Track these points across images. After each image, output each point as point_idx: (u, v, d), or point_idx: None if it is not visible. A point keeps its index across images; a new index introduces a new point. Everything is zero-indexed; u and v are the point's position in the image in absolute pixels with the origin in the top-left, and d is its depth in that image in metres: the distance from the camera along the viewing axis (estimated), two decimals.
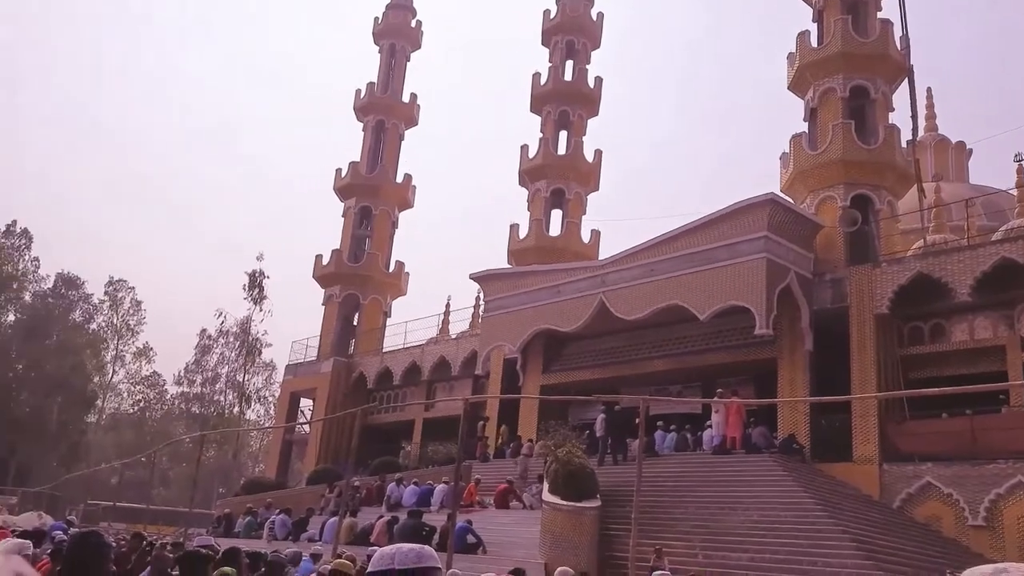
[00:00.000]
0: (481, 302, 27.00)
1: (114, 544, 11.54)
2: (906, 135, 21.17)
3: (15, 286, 49.90)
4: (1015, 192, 20.78)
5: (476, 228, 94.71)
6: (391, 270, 34.37)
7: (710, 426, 18.62)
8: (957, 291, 16.64)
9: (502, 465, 21.89)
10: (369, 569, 1.89)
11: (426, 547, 1.89)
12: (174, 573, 5.76)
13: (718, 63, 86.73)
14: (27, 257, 50.81)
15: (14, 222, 50.78)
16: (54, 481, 39.10)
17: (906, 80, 21.87)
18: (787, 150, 21.74)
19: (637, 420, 12.06)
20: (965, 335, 17.17)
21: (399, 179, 35.47)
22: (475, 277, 25.61)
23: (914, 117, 21.50)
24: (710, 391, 19.95)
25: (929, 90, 34.73)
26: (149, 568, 6.26)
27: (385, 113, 36.01)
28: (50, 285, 51.45)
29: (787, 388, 18.56)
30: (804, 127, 22.10)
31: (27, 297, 50.75)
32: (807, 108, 22.12)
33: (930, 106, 34.56)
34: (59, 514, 30.88)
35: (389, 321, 34.06)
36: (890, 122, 21.22)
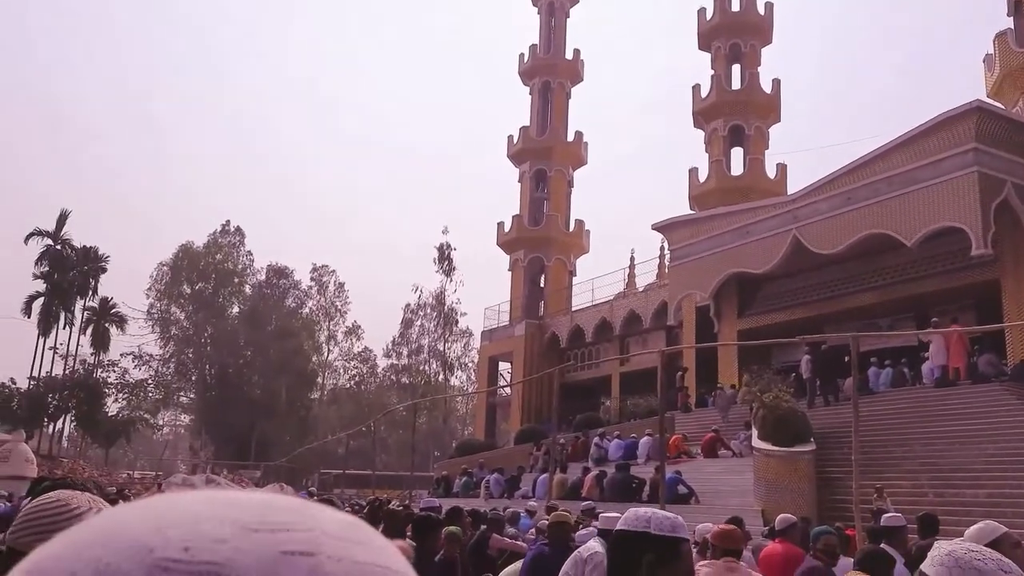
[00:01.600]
0: (666, 252, 26.93)
1: (348, 509, 12.80)
2: None
3: (236, 280, 55.45)
4: None
5: (655, 176, 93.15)
6: (571, 229, 34.92)
7: (927, 358, 17.68)
8: None
9: (704, 414, 21.96)
10: (621, 526, 1.88)
11: (679, 518, 1.92)
12: (407, 533, 6.07)
13: None
14: (242, 252, 56.21)
15: (228, 221, 56.27)
16: (289, 455, 43.34)
17: None
18: (991, 51, 19.80)
19: (847, 358, 11.77)
20: None
21: (570, 138, 35.79)
22: (657, 227, 25.54)
23: None
24: (924, 322, 18.90)
25: None
26: (382, 526, 6.89)
27: (550, 73, 36.32)
28: (263, 277, 56.67)
29: (1015, 310, 17.27)
30: (1008, 23, 19.99)
31: (247, 289, 56.19)
32: (1011, 2, 19.98)
33: None
34: (297, 484, 34.27)
35: (575, 280, 34.77)
36: None
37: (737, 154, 29.48)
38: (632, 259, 32.42)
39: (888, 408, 17.10)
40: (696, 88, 29.58)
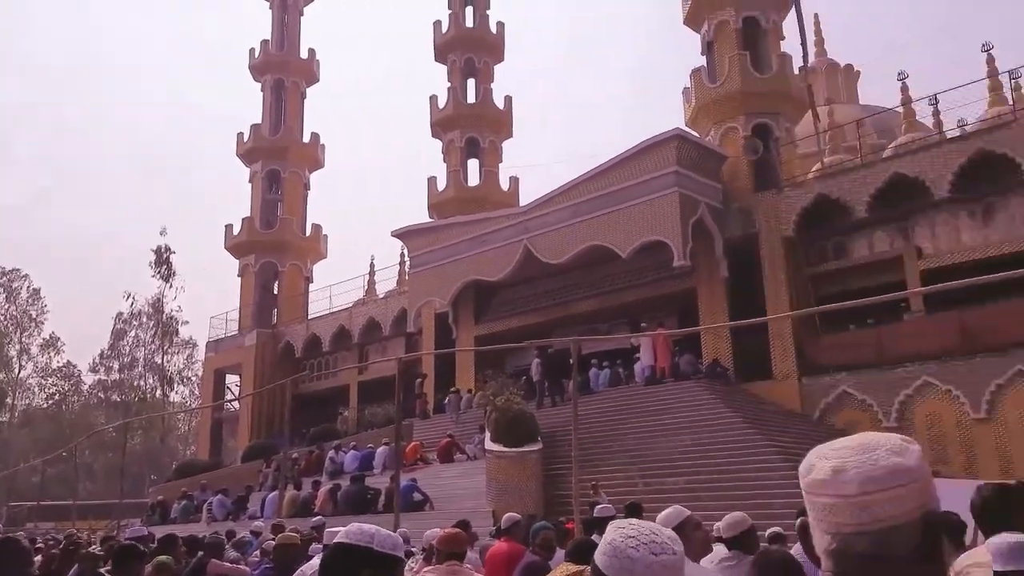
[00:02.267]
0: (406, 259, 27.18)
1: (40, 545, 11.29)
2: (797, 63, 22.11)
3: None
4: (901, 110, 22.06)
5: (394, 184, 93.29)
6: (308, 234, 34.00)
7: (639, 359, 19.54)
8: (855, 209, 17.83)
9: (442, 420, 22.46)
10: (342, 539, 1.81)
11: (400, 538, 1.88)
12: (104, 570, 5.55)
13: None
14: None
15: None
16: None
17: (794, 9, 22.76)
18: (688, 84, 22.45)
19: (572, 360, 12.67)
20: (865, 250, 18.39)
21: (306, 139, 34.86)
22: (397, 234, 25.71)
23: (804, 44, 22.42)
24: (637, 326, 20.83)
25: (816, 16, 35.96)
26: (76, 567, 6.13)
27: (283, 71, 35.12)
28: None
29: (707, 315, 19.53)
30: (703, 61, 22.82)
31: None
32: (704, 42, 22.78)
33: (818, 32, 35.80)
34: None
35: (312, 287, 33.89)
36: (782, 51, 22.13)
37: (473, 165, 30.59)
38: (372, 266, 32.33)
39: (606, 406, 18.67)
40: (434, 99, 30.26)
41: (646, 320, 20.67)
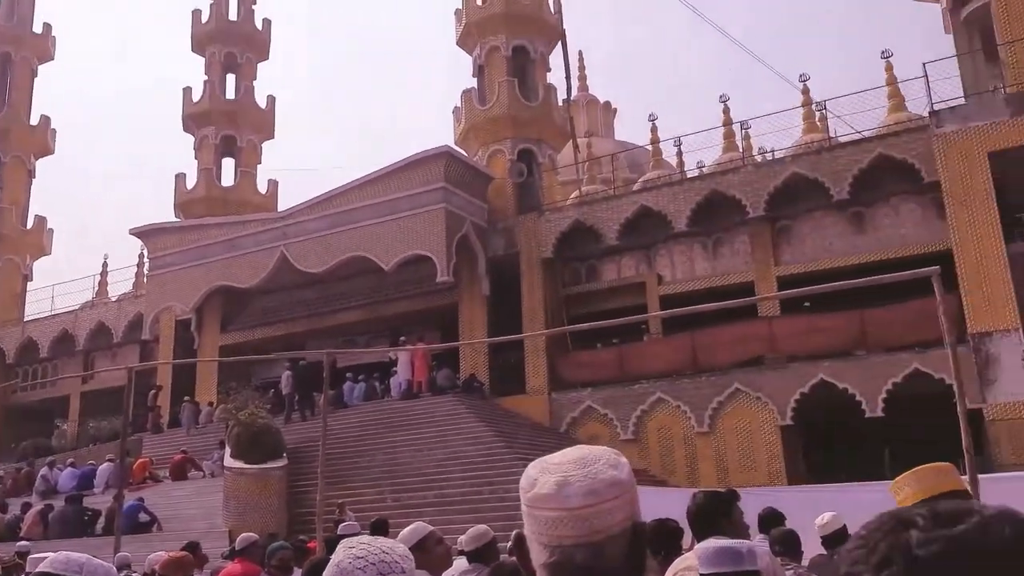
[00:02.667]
0: (146, 260, 24.83)
1: None
2: (562, 94, 23.20)
3: None
4: (650, 148, 23.87)
5: (141, 178, 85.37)
6: (29, 226, 30.06)
7: (396, 372, 19.24)
8: (606, 236, 18.88)
9: (178, 435, 20.67)
10: (47, 569, 1.77)
11: (113, 568, 1.84)
12: None
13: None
14: None
15: None
16: None
17: (560, 44, 23.93)
18: (459, 104, 22.70)
19: (324, 373, 12.09)
20: (614, 274, 19.55)
21: (34, 121, 30.92)
22: (137, 232, 23.47)
23: (568, 78, 23.59)
24: (397, 339, 20.53)
25: (580, 53, 38.25)
26: None
27: (11, 44, 30.97)
28: None
29: (467, 330, 19.73)
30: (474, 83, 23.21)
31: None
32: (475, 64, 23.20)
33: (582, 68, 38.06)
34: None
35: (31, 286, 29.91)
36: (549, 82, 23.11)
37: (229, 165, 28.74)
38: (105, 265, 29.11)
39: (360, 420, 18.12)
40: (188, 91, 28.10)
41: (406, 334, 20.42)
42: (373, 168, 20.18)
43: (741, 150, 20.75)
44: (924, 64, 15.84)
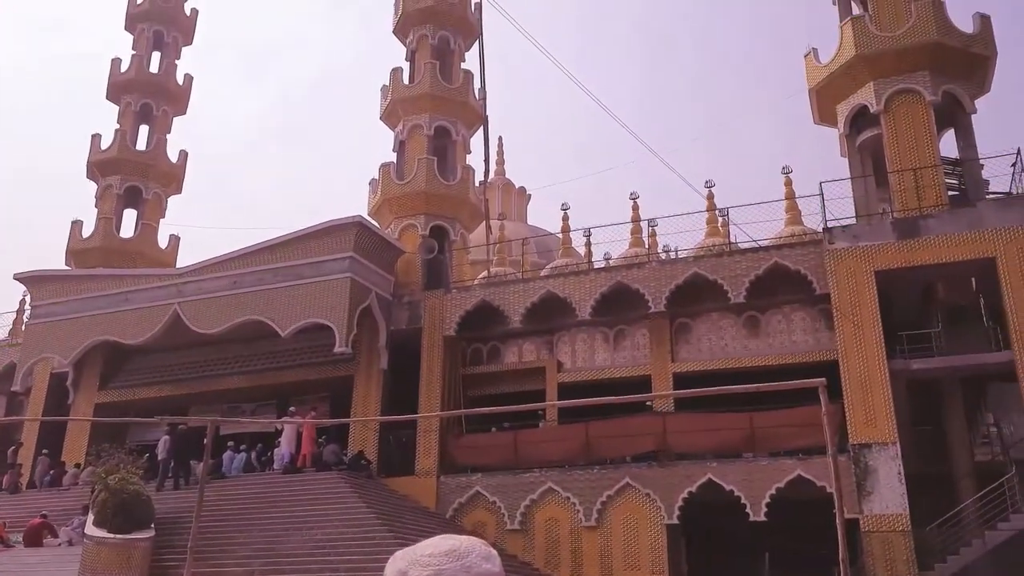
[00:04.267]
0: (27, 307, 23.26)
1: None
2: (479, 176, 23.41)
3: None
4: (560, 236, 24.14)
5: (36, 219, 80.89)
6: None
7: (280, 444, 18.35)
8: (511, 318, 18.74)
9: (40, 497, 18.99)
10: None
11: None
12: None
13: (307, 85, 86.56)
14: None
15: None
16: None
17: (482, 128, 24.24)
18: (377, 176, 22.56)
19: (206, 441, 11.33)
20: (516, 357, 19.38)
21: None
22: (21, 278, 22.04)
23: (487, 161, 23.89)
24: (286, 409, 19.69)
25: (500, 139, 39.04)
26: None
27: None
28: None
29: (361, 405, 19.09)
30: (393, 157, 23.16)
31: None
32: (397, 140, 23.24)
33: (501, 153, 38.80)
34: None
35: None
36: (467, 163, 23.30)
37: (130, 216, 27.58)
38: None
39: (238, 493, 17.04)
40: (96, 137, 27.09)
41: (296, 404, 19.66)
42: (282, 232, 19.72)
43: (647, 246, 21.16)
44: (820, 183, 16.71)
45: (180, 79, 29.53)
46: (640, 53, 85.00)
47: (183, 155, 28.88)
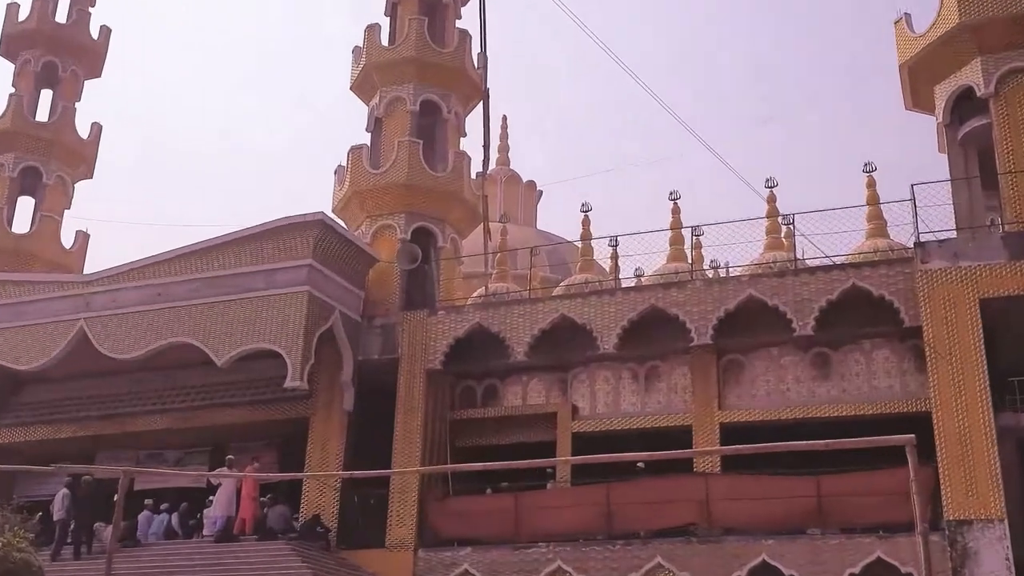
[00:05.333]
0: None
1: None
2: (477, 167, 23.51)
3: None
4: (580, 245, 24.37)
5: None
6: None
7: (212, 503, 18.49)
8: (514, 348, 18.88)
9: None
10: None
11: None
12: None
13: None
14: None
15: None
16: None
17: (481, 104, 24.47)
18: (345, 163, 22.76)
19: (116, 497, 11.53)
20: (519, 399, 19.56)
21: None
22: None
23: (486, 147, 24.02)
24: (222, 459, 19.79)
25: (505, 119, 39.38)
26: None
27: None
28: None
29: (318, 455, 19.27)
30: (367, 138, 23.38)
31: None
32: (371, 117, 23.46)
33: (505, 137, 39.17)
34: None
35: None
36: (461, 149, 23.51)
37: (26, 204, 27.83)
38: None
39: (156, 565, 17.21)
40: None
41: (235, 453, 19.73)
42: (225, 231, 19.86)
43: (690, 261, 21.41)
44: (912, 186, 16.92)
45: (95, 32, 29.87)
46: (683, 18, 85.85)
47: (96, 129, 29.17)
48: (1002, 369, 15.83)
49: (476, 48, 24.09)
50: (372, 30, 23.56)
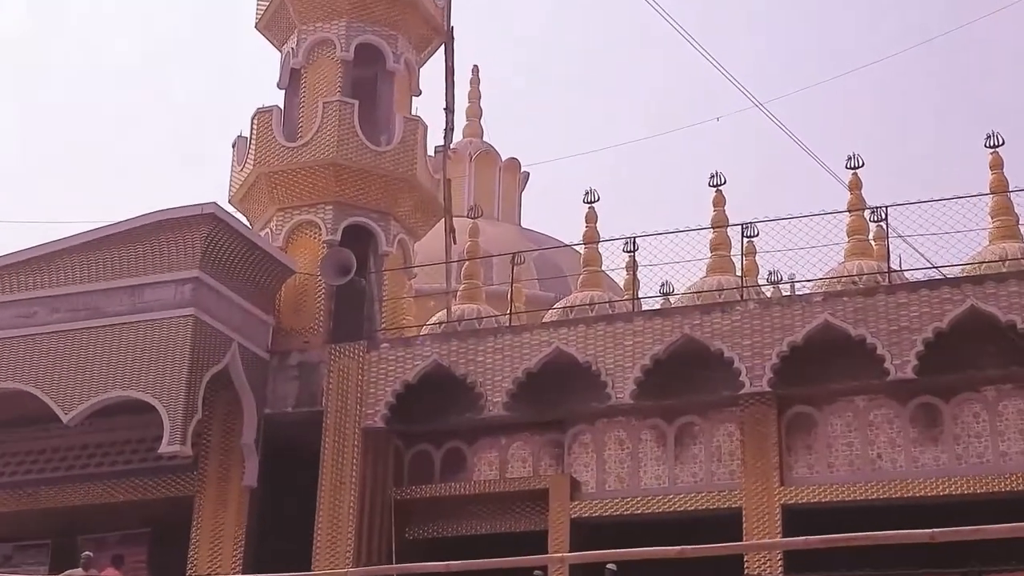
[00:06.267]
0: None
1: None
2: (436, 138, 23.43)
3: None
4: (582, 249, 23.93)
5: None
6: None
7: None
8: (488, 398, 18.65)
9: None
10: None
11: None
12: None
13: None
14: None
15: None
16: None
17: (443, 51, 24.24)
18: (249, 132, 22.45)
19: None
20: (494, 470, 19.40)
21: None
22: None
23: (449, 110, 23.85)
24: (71, 555, 19.47)
25: (476, 70, 39.08)
26: None
27: None
28: None
29: (207, 549, 19.23)
30: (279, 98, 23.13)
31: None
32: (286, 67, 23.31)
33: (476, 97, 38.92)
34: None
35: None
36: (414, 113, 23.29)
37: None
38: None
39: None
40: None
41: (92, 548, 19.53)
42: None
43: (739, 273, 21.07)
44: None
45: None
46: None
47: None
48: None
49: None
50: None
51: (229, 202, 22.14)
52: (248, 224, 21.32)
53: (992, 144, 20.14)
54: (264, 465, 19.49)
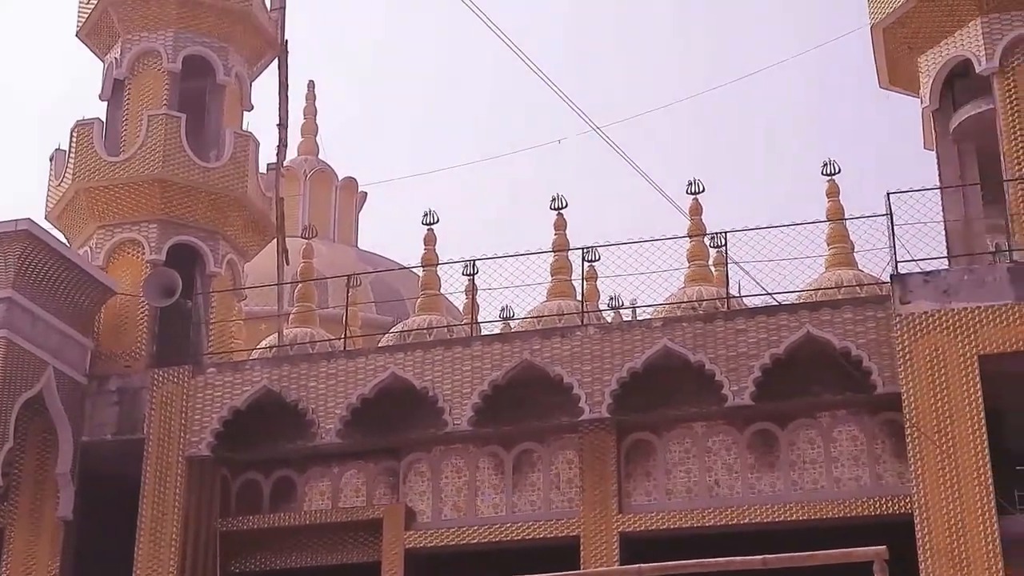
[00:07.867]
0: None
1: None
2: (268, 155, 23.47)
3: None
4: (421, 271, 24.01)
5: None
6: None
7: None
8: (321, 425, 18.69)
9: None
10: None
11: None
12: None
13: None
14: None
15: None
16: None
17: (276, 64, 24.25)
18: (67, 145, 22.18)
19: None
20: (326, 500, 19.48)
21: None
22: None
23: (283, 126, 23.84)
24: None
25: (312, 85, 38.99)
26: None
27: None
28: None
29: None
30: (101, 110, 22.90)
31: None
32: (108, 78, 23.10)
33: (311, 113, 38.83)
34: None
35: None
36: (246, 129, 23.25)
37: None
38: None
39: None
40: None
41: None
42: None
43: (579, 297, 21.38)
44: (888, 195, 17.18)
45: None
46: None
47: None
48: (1010, 455, 16.16)
49: None
50: None
51: (46, 218, 21.80)
52: (66, 242, 21.01)
53: (828, 172, 20.82)
54: (81, 496, 19.23)
